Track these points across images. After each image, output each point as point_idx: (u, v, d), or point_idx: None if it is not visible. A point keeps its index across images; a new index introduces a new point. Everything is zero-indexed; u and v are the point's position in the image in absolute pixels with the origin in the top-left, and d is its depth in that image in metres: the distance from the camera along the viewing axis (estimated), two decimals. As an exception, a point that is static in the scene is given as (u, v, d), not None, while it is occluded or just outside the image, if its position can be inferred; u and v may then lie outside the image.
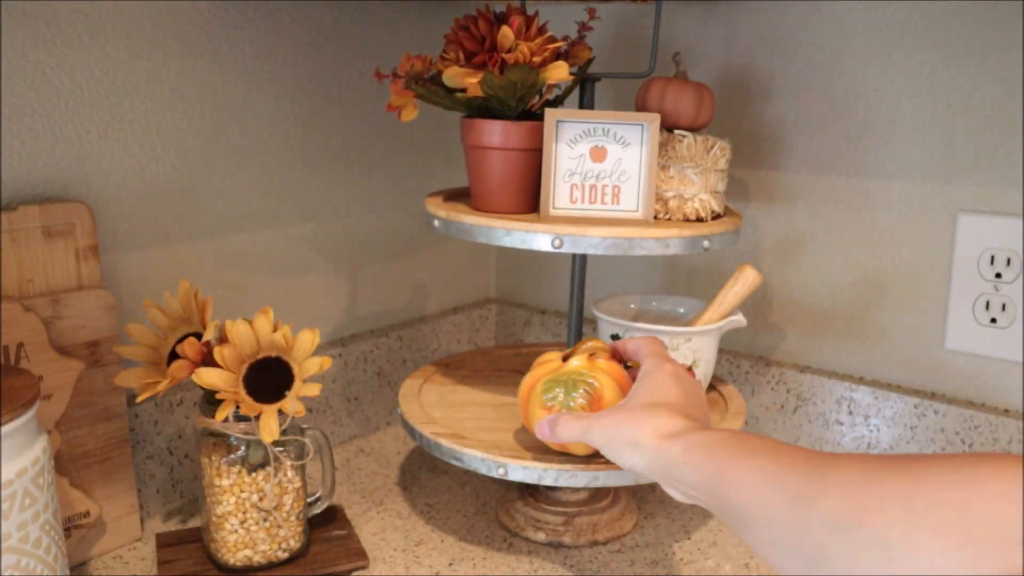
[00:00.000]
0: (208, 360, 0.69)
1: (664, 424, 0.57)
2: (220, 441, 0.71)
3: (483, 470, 0.73)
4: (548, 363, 0.71)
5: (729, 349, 1.01)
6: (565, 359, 0.71)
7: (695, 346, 0.79)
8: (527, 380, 0.72)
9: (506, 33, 0.69)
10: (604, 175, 0.74)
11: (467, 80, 0.71)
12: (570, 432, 0.64)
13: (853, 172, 0.91)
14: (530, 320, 1.17)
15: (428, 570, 0.76)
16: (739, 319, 0.81)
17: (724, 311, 0.81)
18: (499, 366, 0.94)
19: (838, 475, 0.44)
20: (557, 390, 0.68)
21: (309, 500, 0.77)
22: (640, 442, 0.57)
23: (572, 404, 0.67)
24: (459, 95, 0.72)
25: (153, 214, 0.81)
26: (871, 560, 0.40)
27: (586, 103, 0.81)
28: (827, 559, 0.42)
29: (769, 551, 0.47)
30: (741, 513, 0.49)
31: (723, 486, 0.50)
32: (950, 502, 0.38)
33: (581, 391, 0.67)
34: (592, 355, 0.70)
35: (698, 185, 0.75)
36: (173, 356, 0.72)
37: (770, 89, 0.94)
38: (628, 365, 0.72)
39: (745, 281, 0.80)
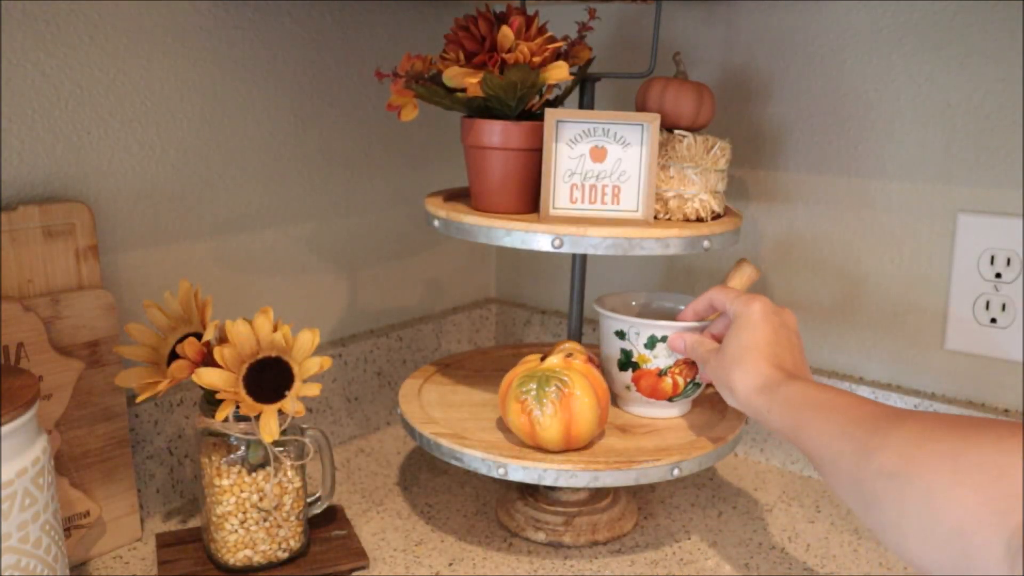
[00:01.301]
0: (208, 360, 0.69)
1: (751, 377, 0.66)
2: (220, 441, 0.71)
3: (483, 470, 0.73)
4: (528, 362, 0.76)
5: (729, 349, 1.01)
6: (543, 359, 0.75)
7: (695, 346, 0.79)
8: (507, 376, 0.76)
9: (506, 33, 0.69)
10: (604, 175, 0.74)
11: (467, 80, 0.71)
12: (697, 355, 0.75)
13: (853, 172, 0.91)
14: (530, 320, 1.17)
15: (428, 570, 0.76)
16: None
17: (723, 309, 0.81)
18: (499, 366, 0.94)
19: (899, 432, 0.52)
20: (531, 384, 0.72)
21: (309, 500, 0.77)
22: (733, 389, 0.67)
23: (544, 398, 0.72)
24: (459, 95, 0.72)
25: (153, 214, 0.81)
26: (916, 505, 0.48)
27: (586, 103, 0.81)
28: (879, 501, 0.51)
29: (836, 488, 0.57)
30: (814, 457, 0.59)
31: (802, 435, 0.60)
32: (993, 465, 0.45)
33: (553, 387, 0.72)
34: (569, 355, 0.74)
35: (698, 185, 0.75)
36: (173, 356, 0.72)
37: (770, 89, 0.94)
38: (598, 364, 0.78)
39: (742, 276, 0.80)
